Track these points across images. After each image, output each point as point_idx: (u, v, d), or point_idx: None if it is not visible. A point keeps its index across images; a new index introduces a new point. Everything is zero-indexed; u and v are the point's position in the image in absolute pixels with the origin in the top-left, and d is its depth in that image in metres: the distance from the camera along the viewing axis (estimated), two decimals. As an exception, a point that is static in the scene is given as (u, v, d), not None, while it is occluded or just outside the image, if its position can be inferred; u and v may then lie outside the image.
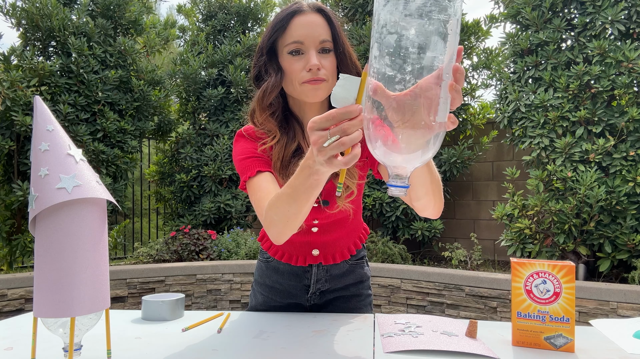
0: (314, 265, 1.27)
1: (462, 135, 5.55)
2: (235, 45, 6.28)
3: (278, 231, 0.97)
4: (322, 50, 1.05)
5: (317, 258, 1.25)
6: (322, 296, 1.31)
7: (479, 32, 5.55)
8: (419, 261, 5.12)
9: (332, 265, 1.28)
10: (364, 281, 1.35)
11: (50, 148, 0.73)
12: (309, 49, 1.03)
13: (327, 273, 1.28)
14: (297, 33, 1.04)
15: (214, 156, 5.83)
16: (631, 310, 3.11)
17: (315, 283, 1.28)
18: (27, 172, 4.72)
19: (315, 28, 1.04)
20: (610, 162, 3.74)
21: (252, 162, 1.10)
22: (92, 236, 0.74)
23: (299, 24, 1.04)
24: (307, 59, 1.03)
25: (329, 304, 1.32)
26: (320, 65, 1.03)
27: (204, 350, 0.93)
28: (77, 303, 0.72)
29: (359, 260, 1.34)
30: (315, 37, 1.03)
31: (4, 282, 3.78)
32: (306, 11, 1.05)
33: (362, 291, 1.34)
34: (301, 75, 1.04)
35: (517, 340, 0.94)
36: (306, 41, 1.03)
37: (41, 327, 1.02)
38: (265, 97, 1.08)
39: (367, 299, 1.35)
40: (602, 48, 3.80)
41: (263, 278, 1.32)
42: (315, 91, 1.04)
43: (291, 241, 1.25)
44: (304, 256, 1.25)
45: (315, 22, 1.04)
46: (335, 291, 1.31)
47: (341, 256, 1.27)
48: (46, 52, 5.09)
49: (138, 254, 5.30)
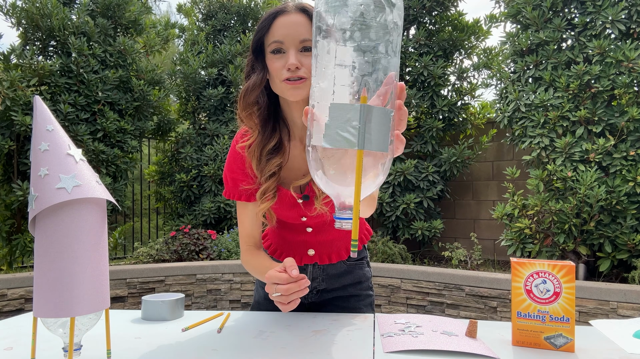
0: (309, 264, 1.28)
1: (462, 134, 5.55)
2: (235, 44, 6.28)
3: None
4: (304, 49, 1.06)
5: (313, 258, 1.27)
6: (320, 295, 1.32)
7: (479, 31, 5.55)
8: (419, 261, 5.12)
9: (329, 265, 1.29)
10: (363, 282, 1.35)
11: (50, 148, 0.73)
12: (289, 48, 1.05)
13: (324, 272, 1.29)
14: (278, 32, 1.06)
15: (214, 156, 5.83)
16: (631, 310, 3.11)
17: (312, 281, 1.29)
18: (27, 172, 4.72)
19: (297, 28, 1.06)
20: (610, 161, 3.74)
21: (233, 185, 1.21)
22: (92, 236, 0.74)
23: (280, 24, 1.07)
24: (287, 58, 1.05)
25: (328, 304, 1.32)
26: (300, 64, 1.05)
27: (204, 350, 0.93)
28: (77, 303, 0.72)
29: (358, 261, 1.34)
30: (295, 36, 1.05)
31: (4, 282, 3.78)
32: (289, 11, 1.08)
33: (361, 292, 1.34)
34: (281, 73, 1.06)
35: (517, 340, 0.94)
36: (286, 40, 1.05)
37: (41, 327, 1.02)
38: (248, 95, 1.11)
39: (367, 300, 1.35)
40: (603, 48, 3.80)
41: None
42: (294, 90, 1.06)
43: (288, 241, 1.27)
44: (300, 256, 1.27)
45: (297, 22, 1.06)
46: (333, 291, 1.32)
47: (337, 257, 1.28)
48: (46, 51, 5.08)
49: (138, 254, 5.30)
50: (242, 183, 1.17)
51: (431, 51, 5.37)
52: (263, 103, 1.15)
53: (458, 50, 5.62)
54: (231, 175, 1.20)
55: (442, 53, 5.42)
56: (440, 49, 5.41)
